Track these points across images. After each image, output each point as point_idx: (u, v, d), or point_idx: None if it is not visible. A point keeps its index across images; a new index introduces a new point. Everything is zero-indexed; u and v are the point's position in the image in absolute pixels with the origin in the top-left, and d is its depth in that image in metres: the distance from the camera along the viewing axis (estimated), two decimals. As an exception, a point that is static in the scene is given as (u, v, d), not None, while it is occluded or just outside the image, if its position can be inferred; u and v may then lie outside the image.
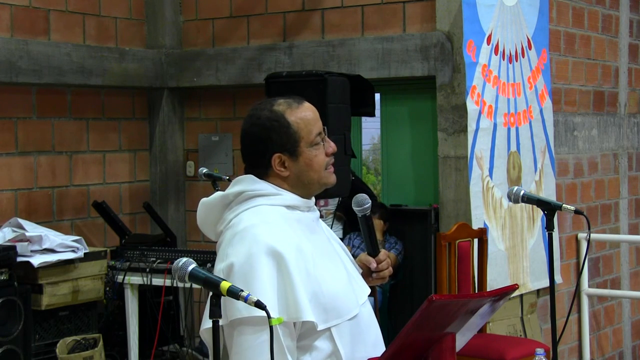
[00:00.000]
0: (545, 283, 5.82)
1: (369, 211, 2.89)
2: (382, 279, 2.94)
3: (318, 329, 2.63)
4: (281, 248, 2.62)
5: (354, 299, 2.75)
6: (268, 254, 2.61)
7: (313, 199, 2.87)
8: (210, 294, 2.40)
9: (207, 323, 2.59)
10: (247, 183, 2.77)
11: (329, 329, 2.67)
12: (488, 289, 5.01)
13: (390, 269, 2.95)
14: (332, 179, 2.82)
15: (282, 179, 2.77)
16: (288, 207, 2.76)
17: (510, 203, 3.97)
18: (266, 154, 2.74)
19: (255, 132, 2.76)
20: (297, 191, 2.78)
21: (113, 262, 5.79)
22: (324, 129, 2.84)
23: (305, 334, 2.65)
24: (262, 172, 2.77)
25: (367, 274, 2.93)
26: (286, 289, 2.61)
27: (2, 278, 5.15)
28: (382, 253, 2.92)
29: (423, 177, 6.01)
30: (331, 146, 2.81)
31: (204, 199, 2.84)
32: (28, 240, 5.39)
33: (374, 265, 2.90)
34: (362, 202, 2.88)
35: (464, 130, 5.43)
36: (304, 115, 2.78)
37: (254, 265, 2.61)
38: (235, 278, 2.59)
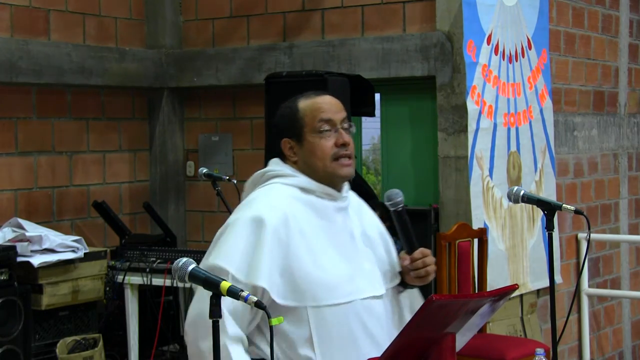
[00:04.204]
0: (545, 283, 5.82)
1: (400, 206, 2.84)
2: (420, 278, 2.87)
3: (277, 301, 2.67)
4: (266, 216, 2.73)
5: (346, 290, 2.75)
6: (252, 220, 2.74)
7: (345, 189, 2.92)
8: (211, 293, 2.40)
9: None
10: (272, 164, 2.93)
11: (305, 311, 2.70)
12: (488, 289, 5.01)
13: (430, 268, 2.85)
14: (343, 171, 2.85)
15: (295, 164, 2.88)
16: (302, 189, 2.84)
17: (510, 203, 3.97)
18: (278, 139, 2.89)
19: (275, 120, 2.94)
20: (311, 177, 2.86)
21: (113, 262, 5.78)
22: (349, 123, 2.89)
23: (276, 311, 2.68)
24: (282, 156, 2.91)
25: (407, 272, 2.91)
26: (255, 252, 2.69)
27: (2, 278, 5.15)
28: (418, 251, 2.85)
29: (423, 177, 6.01)
30: (342, 137, 2.84)
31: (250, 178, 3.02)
32: (28, 240, 5.39)
33: (405, 262, 2.88)
34: (392, 196, 2.84)
35: (464, 130, 5.43)
36: (313, 102, 2.88)
37: (235, 227, 2.77)
38: (219, 235, 2.81)
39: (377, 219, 3.04)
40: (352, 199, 3.00)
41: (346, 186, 2.95)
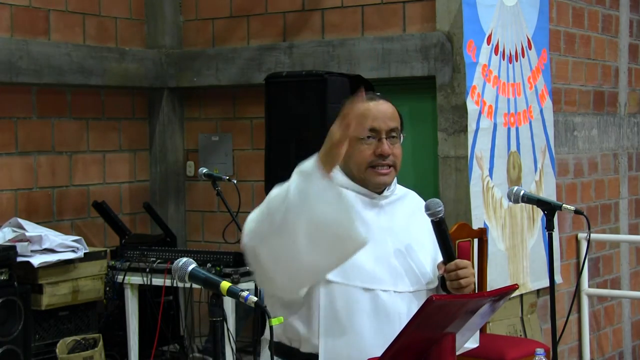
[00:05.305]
0: (545, 283, 5.82)
1: (439, 215, 2.84)
2: (455, 289, 2.85)
3: None
4: None
5: (361, 276, 2.77)
6: None
7: (390, 189, 2.94)
8: (211, 293, 2.41)
9: None
10: None
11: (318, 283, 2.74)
12: (488, 289, 5.01)
13: (464, 281, 2.83)
14: (376, 179, 2.88)
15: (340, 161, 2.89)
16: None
17: (510, 203, 3.97)
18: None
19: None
20: (350, 176, 2.90)
21: (113, 262, 5.78)
22: (400, 133, 2.91)
23: None
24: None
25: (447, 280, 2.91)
26: None
27: (2, 278, 5.15)
28: (453, 263, 2.83)
29: (423, 177, 6.00)
30: (380, 148, 2.86)
31: None
32: (28, 240, 5.39)
33: (440, 271, 2.88)
34: (430, 206, 2.85)
35: (464, 130, 5.43)
36: (361, 107, 2.84)
37: None
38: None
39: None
40: (410, 200, 3.04)
41: (393, 186, 2.98)
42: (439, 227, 2.86)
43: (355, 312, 2.77)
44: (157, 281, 5.59)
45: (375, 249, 2.83)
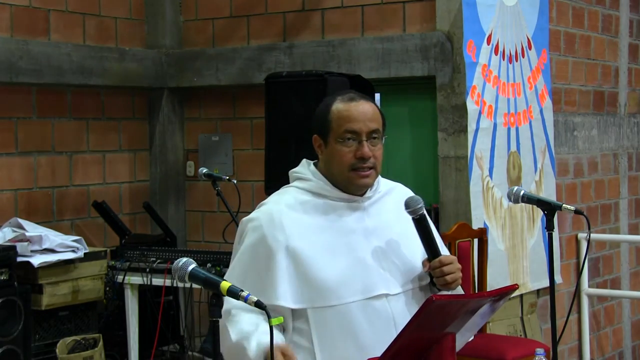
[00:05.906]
0: (545, 283, 5.82)
1: (420, 213, 2.82)
2: (443, 285, 2.84)
3: (285, 306, 2.73)
4: (265, 228, 2.80)
5: (348, 290, 2.75)
6: (255, 238, 2.81)
7: (373, 189, 2.91)
8: (211, 293, 2.41)
9: None
10: (299, 166, 2.97)
11: (306, 312, 2.75)
12: (488, 289, 5.01)
13: (449, 277, 2.82)
14: (359, 181, 2.85)
15: (321, 162, 2.91)
16: (314, 193, 2.87)
17: (510, 203, 3.97)
18: (312, 132, 2.91)
19: (315, 111, 2.94)
20: (331, 179, 2.88)
21: (113, 262, 5.78)
22: (381, 134, 2.87)
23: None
24: (314, 151, 2.93)
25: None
26: (265, 275, 2.78)
27: (2, 278, 5.14)
28: (437, 260, 2.82)
29: (423, 177, 6.01)
30: (360, 150, 2.82)
31: None
32: (28, 240, 5.39)
33: (425, 269, 2.87)
34: (410, 204, 2.83)
35: (464, 130, 5.43)
36: (343, 108, 2.85)
37: (243, 250, 2.85)
38: (236, 243, 2.89)
39: None
40: (397, 193, 3.00)
41: (375, 185, 2.94)
42: (420, 224, 2.83)
43: (349, 325, 2.75)
44: (157, 281, 5.59)
45: (357, 255, 2.81)
